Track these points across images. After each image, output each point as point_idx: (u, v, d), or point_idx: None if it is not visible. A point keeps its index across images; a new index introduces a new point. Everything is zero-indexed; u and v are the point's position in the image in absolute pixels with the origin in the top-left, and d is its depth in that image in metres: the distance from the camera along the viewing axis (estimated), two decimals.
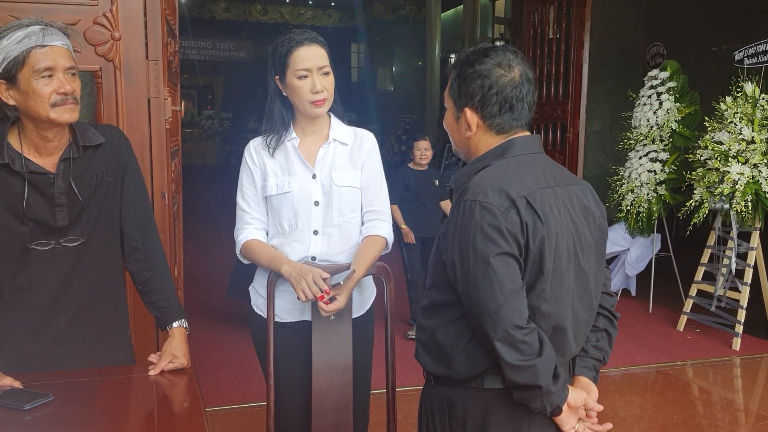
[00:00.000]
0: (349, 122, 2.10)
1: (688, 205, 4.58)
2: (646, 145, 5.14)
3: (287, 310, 2.01)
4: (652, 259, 5.25)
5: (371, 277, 2.08)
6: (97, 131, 1.74)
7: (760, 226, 4.34)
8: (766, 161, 4.17)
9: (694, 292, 4.79)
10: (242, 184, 2.04)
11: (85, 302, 1.75)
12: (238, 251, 2.04)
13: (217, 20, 16.95)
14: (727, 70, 5.23)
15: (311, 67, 1.91)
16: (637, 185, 5.15)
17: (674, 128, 5.00)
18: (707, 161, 4.43)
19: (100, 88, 2.19)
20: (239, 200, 2.04)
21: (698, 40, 6.38)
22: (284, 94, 1.98)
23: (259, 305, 2.07)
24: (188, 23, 14.92)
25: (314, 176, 1.98)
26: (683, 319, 4.80)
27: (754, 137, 4.22)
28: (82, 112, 1.72)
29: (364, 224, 2.05)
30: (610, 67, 6.84)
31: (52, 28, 1.59)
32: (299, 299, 1.87)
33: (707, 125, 4.54)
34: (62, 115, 1.60)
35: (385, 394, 2.07)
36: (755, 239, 4.40)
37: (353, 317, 2.00)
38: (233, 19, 17.12)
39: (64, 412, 1.47)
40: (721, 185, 4.27)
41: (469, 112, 1.47)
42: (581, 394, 1.45)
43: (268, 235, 2.04)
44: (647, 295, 5.28)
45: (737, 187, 4.20)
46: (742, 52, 4.63)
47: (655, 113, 5.08)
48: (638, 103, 5.24)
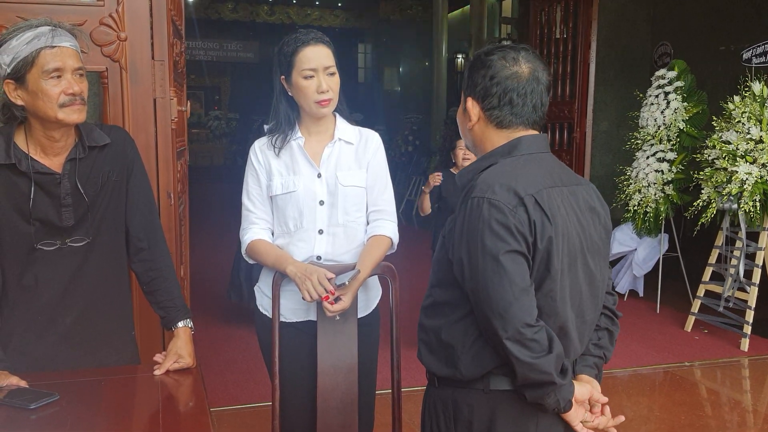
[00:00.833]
0: (356, 123, 2.09)
1: (695, 205, 4.54)
2: (653, 144, 5.11)
3: (292, 310, 2.01)
4: (659, 259, 5.22)
5: (377, 277, 2.08)
6: (102, 132, 1.75)
7: None
8: None
9: (701, 292, 4.76)
10: (247, 184, 2.04)
11: (90, 302, 1.76)
12: (243, 251, 2.05)
13: (224, 21, 16.96)
14: (734, 69, 5.20)
15: (317, 66, 1.91)
16: (644, 185, 5.12)
17: (682, 128, 4.97)
18: (715, 161, 4.40)
19: (106, 88, 2.20)
20: (245, 200, 2.05)
21: (706, 39, 6.34)
22: (290, 93, 1.98)
23: (264, 305, 2.07)
24: (195, 24, 14.93)
25: (319, 175, 1.98)
26: (691, 319, 4.78)
27: (762, 137, 4.19)
28: (88, 112, 1.73)
29: (369, 224, 2.05)
30: (617, 66, 6.81)
31: (61, 29, 1.60)
32: (304, 299, 1.87)
33: (715, 125, 4.50)
34: (70, 115, 1.61)
35: (390, 394, 2.07)
36: (764, 239, 4.37)
37: (359, 317, 2.00)
38: (240, 19, 17.13)
39: (69, 411, 1.48)
40: (729, 185, 4.25)
41: (471, 101, 1.48)
42: (586, 387, 1.45)
43: (273, 234, 2.04)
44: (655, 295, 5.26)
45: (745, 186, 4.17)
46: (749, 51, 4.61)
47: (662, 113, 5.05)
48: (645, 102, 5.21)
